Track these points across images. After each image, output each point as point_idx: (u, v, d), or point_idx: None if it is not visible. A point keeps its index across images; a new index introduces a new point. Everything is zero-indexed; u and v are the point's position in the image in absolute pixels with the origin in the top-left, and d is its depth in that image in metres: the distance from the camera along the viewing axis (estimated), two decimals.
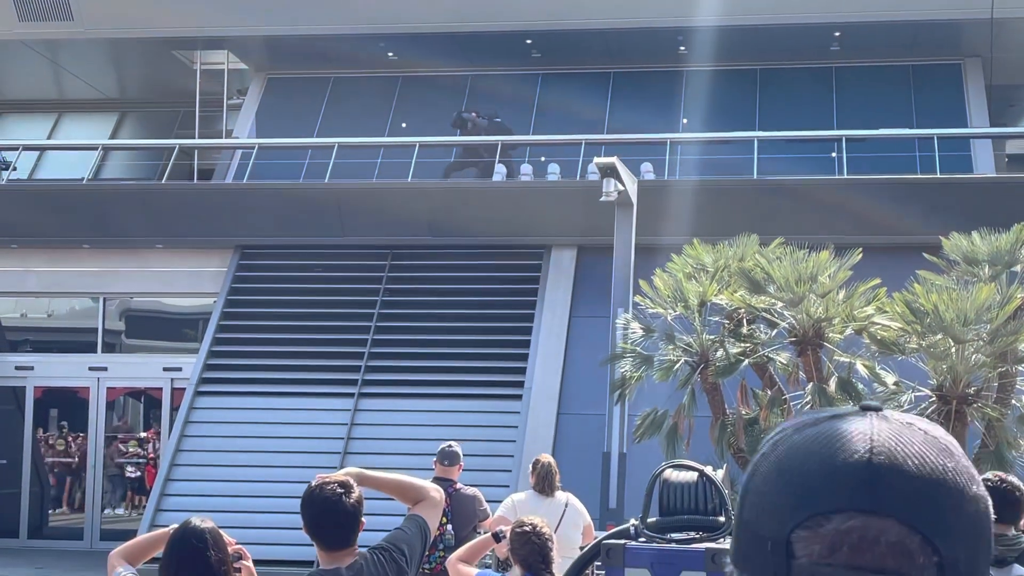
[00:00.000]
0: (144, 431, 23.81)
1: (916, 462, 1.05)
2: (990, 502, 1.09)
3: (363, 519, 4.74)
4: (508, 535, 6.20)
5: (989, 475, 6.03)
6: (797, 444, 1.09)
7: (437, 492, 5.21)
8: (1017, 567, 5.53)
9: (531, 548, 5.97)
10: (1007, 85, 23.93)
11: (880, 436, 1.07)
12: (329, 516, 4.68)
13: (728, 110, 23.00)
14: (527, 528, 6.05)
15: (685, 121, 23.38)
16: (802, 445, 1.09)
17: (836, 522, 1.04)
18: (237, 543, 4.86)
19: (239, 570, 4.82)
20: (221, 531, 4.70)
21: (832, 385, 11.77)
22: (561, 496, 9.68)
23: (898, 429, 1.08)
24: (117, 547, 5.18)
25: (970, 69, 23.09)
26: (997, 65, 23.03)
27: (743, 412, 12.29)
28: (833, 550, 1.04)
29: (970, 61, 23.08)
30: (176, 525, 4.72)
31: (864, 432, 1.07)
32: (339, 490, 4.68)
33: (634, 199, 16.51)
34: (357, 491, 4.74)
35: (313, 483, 4.76)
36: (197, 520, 4.70)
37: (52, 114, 27.55)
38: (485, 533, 7.38)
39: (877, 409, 1.12)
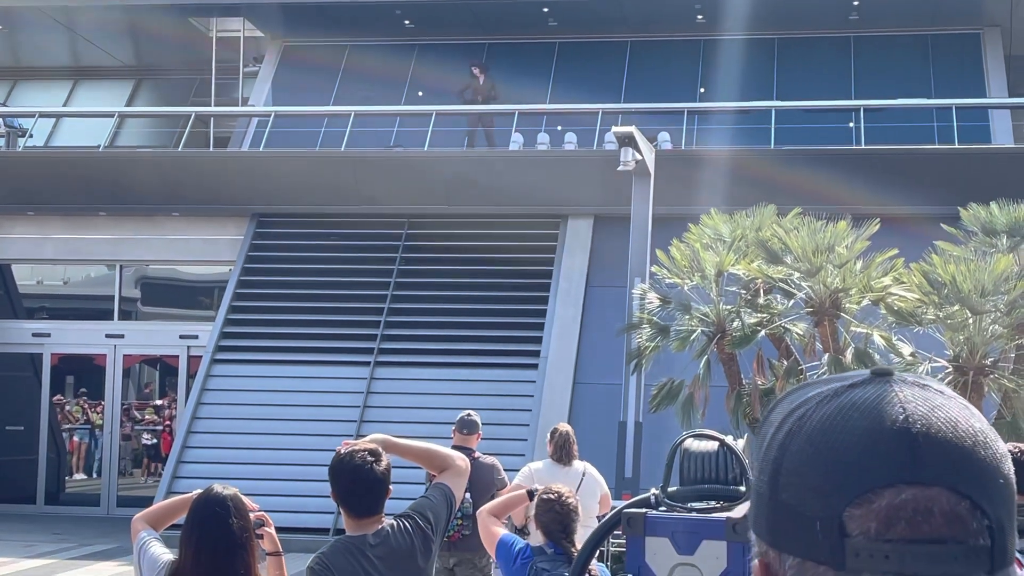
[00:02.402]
0: (160, 398, 23.93)
1: (951, 426, 1.06)
2: (1010, 459, 1.10)
3: (391, 487, 4.77)
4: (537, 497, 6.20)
5: (1008, 446, 6.03)
6: (827, 419, 1.09)
7: (463, 461, 5.23)
8: None
9: (553, 516, 5.98)
10: None
11: (911, 403, 1.07)
12: (360, 483, 4.70)
13: (746, 79, 22.89)
14: (552, 496, 6.05)
15: (703, 90, 23.29)
16: (833, 420, 1.08)
17: (887, 497, 1.04)
18: (259, 509, 4.88)
19: (261, 537, 4.85)
20: (243, 498, 4.72)
21: (848, 356, 11.76)
22: (578, 465, 9.70)
23: (922, 394, 1.09)
24: (138, 512, 5.22)
25: (989, 39, 22.94)
26: (1016, 35, 22.88)
27: (759, 382, 12.29)
28: (889, 525, 1.04)
29: (989, 31, 22.93)
30: (199, 491, 4.75)
31: (894, 401, 1.07)
32: (369, 457, 4.69)
33: (651, 168, 16.47)
34: (386, 459, 4.75)
35: (341, 450, 4.77)
36: (219, 487, 4.72)
37: (68, 81, 27.55)
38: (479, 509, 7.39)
39: (889, 373, 1.12)
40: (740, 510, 4.13)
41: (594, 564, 5.91)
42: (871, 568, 1.04)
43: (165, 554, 4.81)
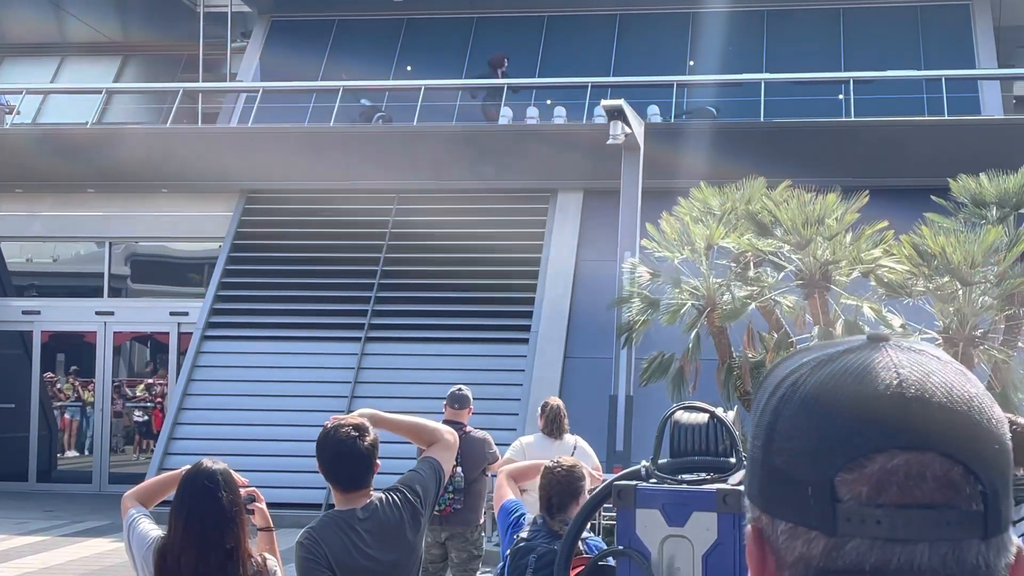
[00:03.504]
0: (151, 375, 23.91)
1: (945, 391, 1.05)
2: (1007, 425, 1.09)
3: (378, 461, 4.77)
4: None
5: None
6: (821, 383, 1.08)
7: (451, 434, 5.22)
8: None
9: (545, 487, 5.97)
10: (1015, 26, 23.75)
11: (904, 368, 1.06)
12: (345, 458, 4.71)
13: (735, 52, 22.86)
14: (555, 467, 6.04)
15: (692, 63, 23.25)
16: (827, 384, 1.07)
17: (880, 462, 1.04)
18: (250, 484, 4.88)
19: (252, 512, 4.84)
20: (233, 472, 4.71)
21: (839, 328, 11.77)
22: (569, 439, 9.72)
23: (917, 359, 1.08)
24: (130, 489, 5.21)
25: (978, 9, 22.90)
26: (1006, 6, 22.85)
27: (749, 355, 12.30)
28: (881, 491, 1.03)
29: (978, 2, 22.90)
30: (188, 466, 4.74)
31: (888, 366, 1.07)
32: (354, 432, 4.70)
33: (641, 142, 16.45)
34: (372, 433, 4.75)
35: (328, 425, 4.77)
36: (209, 461, 4.71)
37: (55, 57, 27.43)
38: (494, 476, 7.41)
39: (885, 339, 1.11)
40: (731, 481, 4.13)
41: (585, 534, 5.92)
42: (862, 533, 1.03)
43: (154, 530, 4.81)
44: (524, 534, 5.82)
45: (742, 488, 1.17)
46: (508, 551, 5.86)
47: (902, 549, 1.03)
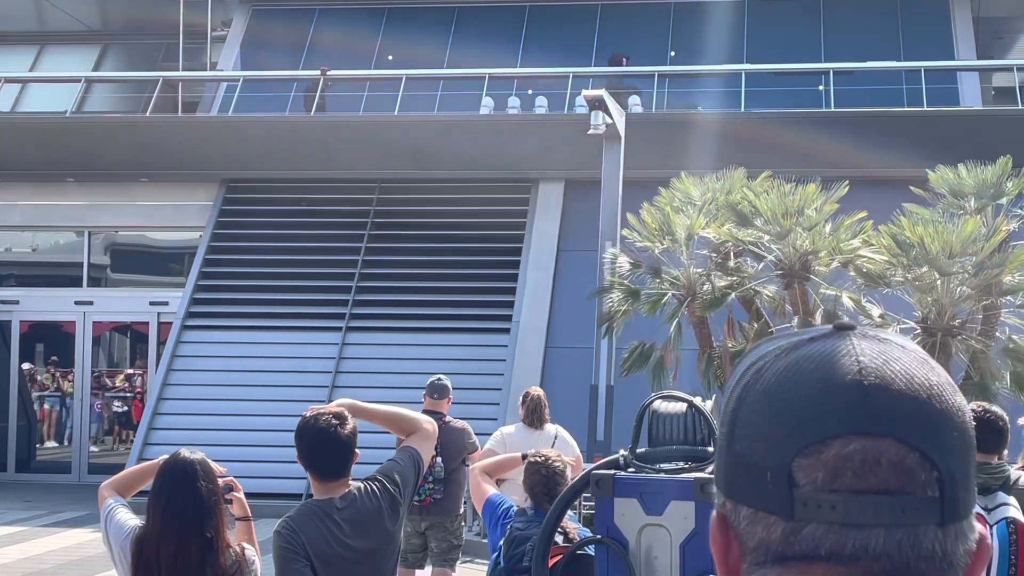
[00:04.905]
0: (131, 366, 23.84)
1: (904, 379, 1.06)
2: (970, 412, 1.10)
3: (357, 450, 4.77)
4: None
5: (973, 406, 6.07)
6: (783, 371, 1.09)
7: (430, 424, 5.23)
8: (1001, 494, 5.60)
9: (539, 479, 6.01)
10: (994, 17, 23.84)
11: (865, 356, 1.07)
12: (323, 446, 4.70)
13: (716, 43, 22.88)
14: (539, 459, 6.09)
15: (673, 54, 23.26)
16: (788, 372, 1.08)
17: (836, 448, 1.04)
18: (228, 474, 4.87)
19: (230, 502, 4.83)
20: (211, 462, 4.71)
21: (818, 318, 11.82)
22: (550, 428, 9.72)
23: (879, 347, 1.08)
24: (107, 479, 5.19)
25: (958, 1, 22.98)
26: None
27: (730, 345, 12.35)
28: (836, 476, 1.04)
29: None
30: (166, 456, 4.73)
31: (849, 353, 1.07)
32: (334, 421, 4.69)
33: (622, 132, 16.46)
34: (351, 422, 4.75)
35: (307, 414, 4.77)
36: (187, 451, 4.70)
37: (34, 46, 27.27)
38: (472, 465, 7.42)
39: (851, 328, 1.11)
40: (709, 470, 4.15)
41: (574, 524, 5.94)
42: (818, 518, 1.04)
43: (131, 519, 4.80)
44: (518, 524, 5.84)
45: None
46: (501, 541, 5.88)
47: (857, 534, 1.03)
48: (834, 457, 1.04)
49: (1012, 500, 5.60)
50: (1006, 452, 6.18)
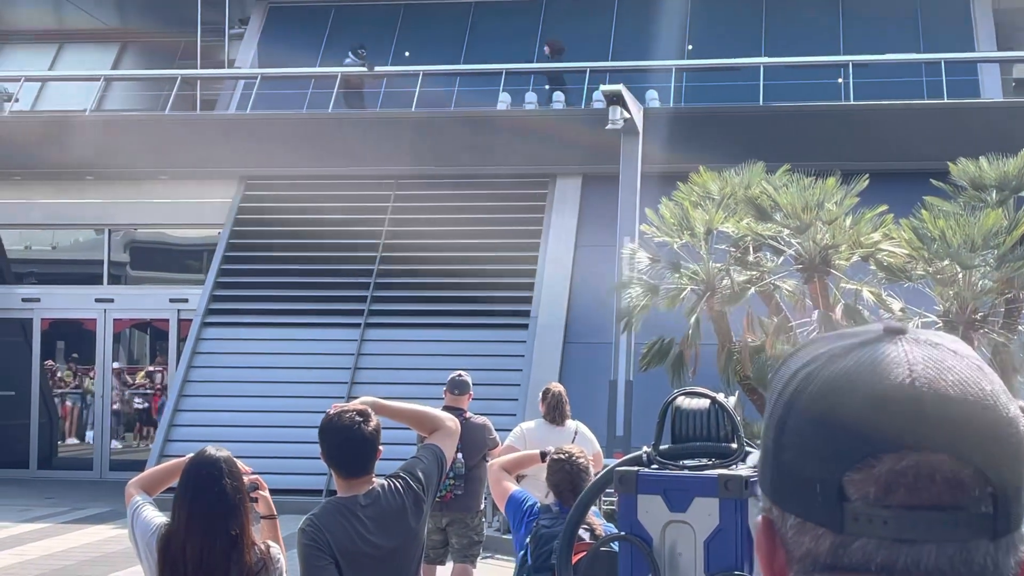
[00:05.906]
0: (151, 362, 23.93)
1: (959, 390, 1.03)
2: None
3: (380, 447, 4.78)
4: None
5: (1022, 402, 6.05)
6: (832, 379, 1.07)
7: (452, 422, 5.23)
8: None
9: (563, 476, 6.02)
10: (1014, 9, 23.70)
11: (918, 364, 1.05)
12: (347, 444, 4.71)
13: (734, 36, 22.83)
14: (563, 456, 6.10)
15: (691, 48, 23.21)
16: (838, 380, 1.06)
17: (889, 462, 1.03)
18: (253, 472, 4.88)
19: (255, 500, 4.85)
20: (237, 460, 4.72)
21: (838, 312, 11.78)
22: (571, 425, 9.72)
23: (932, 353, 1.06)
24: (134, 476, 5.22)
25: None
26: None
27: (749, 340, 12.31)
28: (889, 492, 1.03)
29: None
30: (192, 454, 4.74)
31: (900, 362, 1.05)
32: (357, 418, 4.70)
33: (640, 127, 16.45)
34: (375, 419, 4.76)
35: (331, 411, 4.77)
36: (212, 449, 4.71)
37: (53, 45, 27.38)
38: (491, 462, 7.44)
39: (902, 331, 1.09)
40: (742, 467, 4.13)
41: (599, 520, 5.95)
42: (869, 533, 1.03)
43: (158, 517, 4.82)
44: (544, 521, 5.85)
45: (743, 474, 1.17)
46: (528, 539, 5.88)
47: (909, 549, 1.02)
48: (887, 472, 1.03)
49: None
50: None
